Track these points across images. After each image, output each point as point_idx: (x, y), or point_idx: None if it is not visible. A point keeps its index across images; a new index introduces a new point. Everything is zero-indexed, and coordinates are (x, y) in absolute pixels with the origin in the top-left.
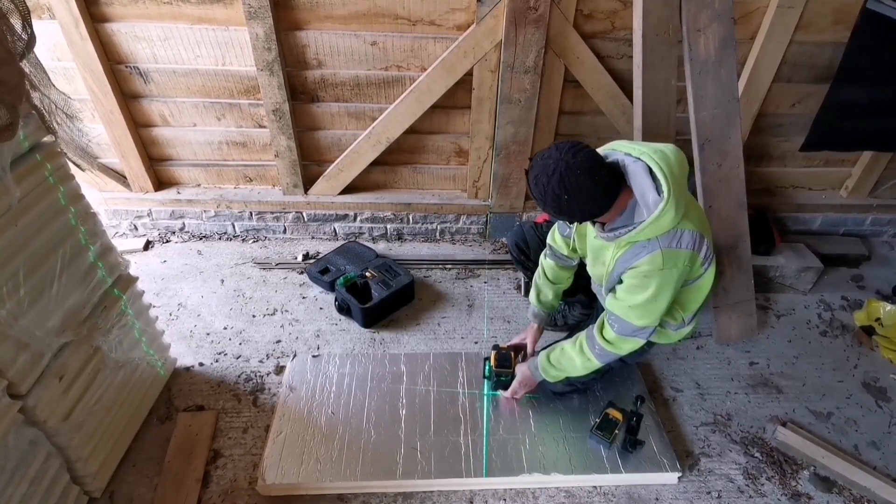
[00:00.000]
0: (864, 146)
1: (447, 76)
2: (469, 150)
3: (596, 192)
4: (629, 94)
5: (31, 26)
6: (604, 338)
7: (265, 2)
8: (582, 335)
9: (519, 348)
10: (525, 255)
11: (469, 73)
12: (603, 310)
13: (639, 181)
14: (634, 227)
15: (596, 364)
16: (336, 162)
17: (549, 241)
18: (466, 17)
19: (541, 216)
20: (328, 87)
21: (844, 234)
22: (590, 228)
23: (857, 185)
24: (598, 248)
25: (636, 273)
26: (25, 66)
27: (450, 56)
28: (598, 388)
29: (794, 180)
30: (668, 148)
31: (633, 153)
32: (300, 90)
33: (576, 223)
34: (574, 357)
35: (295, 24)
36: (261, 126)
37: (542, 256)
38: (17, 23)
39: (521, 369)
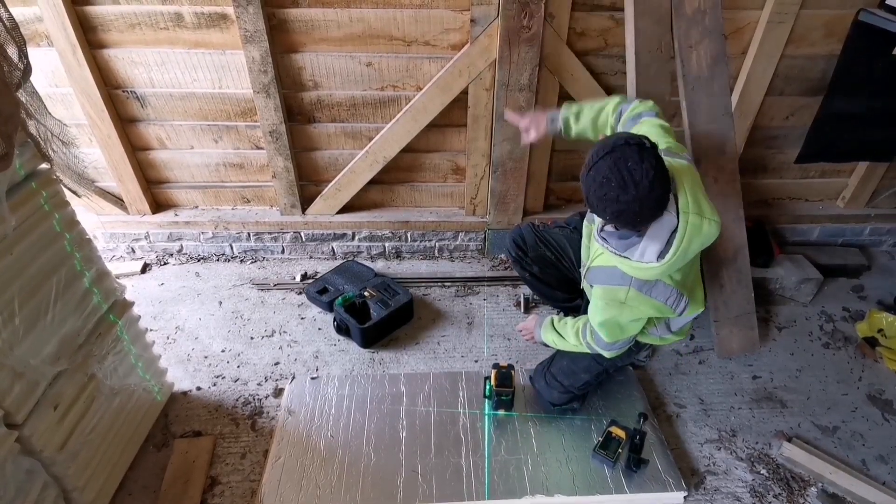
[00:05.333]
0: (860, 157)
1: (443, 95)
2: (466, 168)
3: (623, 226)
4: None
5: (26, 56)
6: (591, 334)
7: (261, 26)
8: (583, 318)
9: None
10: (523, 252)
11: (464, 92)
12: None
13: (656, 235)
14: (618, 254)
15: (585, 350)
16: (333, 182)
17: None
18: (461, 37)
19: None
20: (324, 108)
21: (843, 244)
22: None
23: (854, 196)
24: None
25: (602, 294)
26: (22, 95)
27: (445, 75)
28: (601, 406)
29: (790, 192)
30: (712, 222)
31: (681, 202)
32: (297, 111)
33: None
34: (570, 335)
35: (291, 47)
36: (258, 147)
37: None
38: (13, 52)
39: (532, 318)
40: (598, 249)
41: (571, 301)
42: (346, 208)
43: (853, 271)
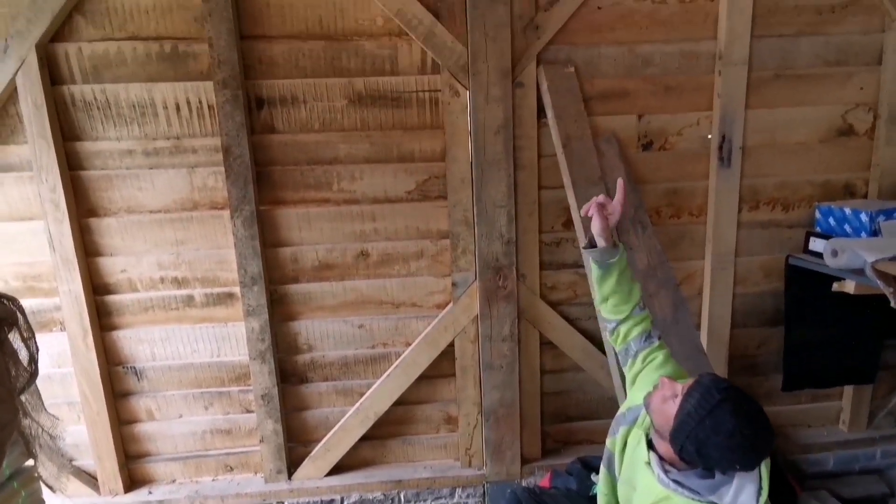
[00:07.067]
0: (841, 381)
1: (430, 349)
2: (458, 417)
3: (743, 469)
4: (603, 350)
5: (36, 363)
6: None
7: (263, 301)
8: None
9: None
10: None
11: (451, 345)
12: None
13: (747, 477)
14: (699, 500)
15: None
16: (323, 441)
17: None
18: (444, 298)
19: (544, 480)
20: (317, 368)
21: (861, 471)
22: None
23: (853, 419)
24: (639, 458)
25: None
26: (24, 395)
27: (432, 332)
28: None
29: (789, 419)
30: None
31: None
32: (290, 373)
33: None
34: None
35: (289, 316)
36: (248, 411)
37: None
38: (24, 356)
39: None
40: (660, 494)
41: None
42: (336, 469)
43: (880, 501)
